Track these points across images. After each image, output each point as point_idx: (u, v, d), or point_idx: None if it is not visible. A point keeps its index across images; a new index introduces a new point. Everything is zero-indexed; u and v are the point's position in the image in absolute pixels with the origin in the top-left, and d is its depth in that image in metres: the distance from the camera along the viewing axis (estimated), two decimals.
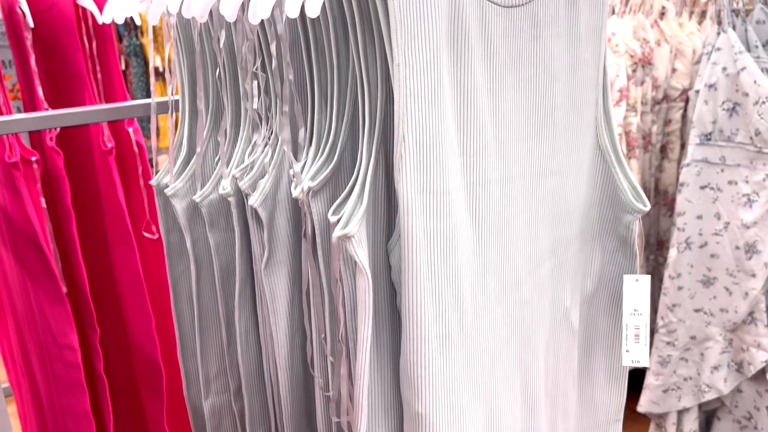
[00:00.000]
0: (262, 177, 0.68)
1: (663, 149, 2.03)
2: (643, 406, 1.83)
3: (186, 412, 1.30)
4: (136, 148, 1.14)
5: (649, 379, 1.81)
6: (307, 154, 0.64)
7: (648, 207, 0.71)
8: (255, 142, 0.71)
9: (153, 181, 0.85)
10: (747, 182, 1.56)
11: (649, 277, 0.72)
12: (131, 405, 1.25)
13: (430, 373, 0.58)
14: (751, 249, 1.57)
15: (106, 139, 1.11)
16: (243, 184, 0.69)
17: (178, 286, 0.91)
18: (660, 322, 1.76)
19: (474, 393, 0.64)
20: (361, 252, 0.56)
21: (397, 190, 0.55)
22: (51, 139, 1.07)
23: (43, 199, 1.06)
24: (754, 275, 1.57)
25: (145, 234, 1.20)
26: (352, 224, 0.55)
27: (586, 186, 0.73)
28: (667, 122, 1.99)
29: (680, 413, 1.79)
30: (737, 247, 1.59)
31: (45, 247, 1.02)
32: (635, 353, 0.74)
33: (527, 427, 0.74)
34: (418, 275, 0.56)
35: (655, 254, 2.12)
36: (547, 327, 0.74)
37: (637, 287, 0.73)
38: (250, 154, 0.71)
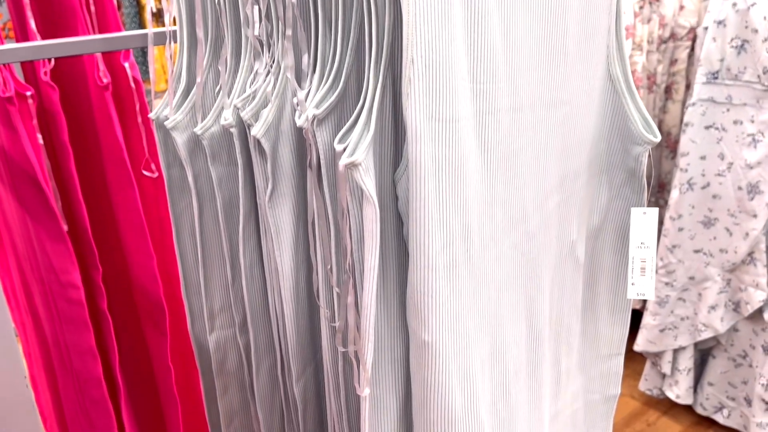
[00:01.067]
0: (265, 106, 0.66)
1: (668, 90, 2.00)
2: (640, 345, 1.86)
3: (190, 349, 1.31)
4: (132, 84, 1.12)
5: (647, 319, 1.83)
6: (311, 81, 0.63)
7: (659, 138, 0.70)
8: (257, 70, 0.69)
9: (152, 114, 0.83)
10: (752, 122, 1.54)
11: (656, 209, 0.72)
12: (135, 342, 1.27)
13: (437, 302, 0.58)
14: (753, 189, 1.56)
15: (102, 74, 1.09)
16: (245, 115, 0.67)
17: (181, 222, 0.90)
18: (659, 263, 1.77)
19: (480, 323, 0.64)
20: (368, 180, 0.55)
21: (405, 117, 0.53)
22: (45, 73, 1.04)
23: (39, 136, 1.04)
24: (755, 215, 1.57)
25: (145, 172, 1.19)
26: (359, 152, 0.54)
27: (595, 117, 0.71)
28: (673, 62, 1.96)
29: (676, 352, 1.82)
30: (739, 188, 1.58)
31: (44, 184, 1.01)
32: (641, 286, 0.74)
33: (531, 358, 0.74)
34: (426, 204, 0.55)
35: (656, 197, 2.11)
36: (553, 260, 0.73)
37: (644, 220, 0.73)
38: (252, 83, 0.69)
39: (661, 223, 2.00)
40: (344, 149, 0.55)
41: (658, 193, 2.10)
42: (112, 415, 1.19)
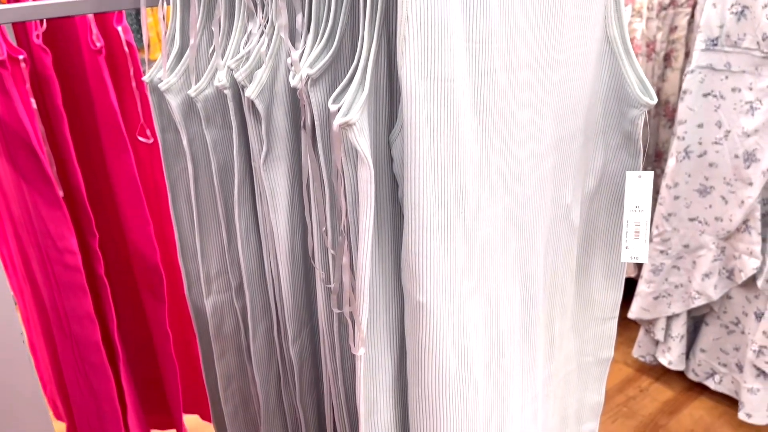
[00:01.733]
0: (259, 67, 0.65)
1: (667, 57, 1.98)
2: (634, 312, 1.87)
3: (188, 314, 1.32)
4: (126, 48, 1.10)
5: (641, 287, 1.85)
6: (305, 41, 0.62)
7: (655, 100, 0.69)
8: (250, 31, 0.68)
9: (146, 77, 0.82)
10: (750, 89, 1.54)
11: (651, 173, 0.72)
12: (133, 308, 1.27)
13: (432, 263, 0.58)
14: (750, 157, 1.56)
15: (95, 38, 1.07)
16: (239, 76, 0.67)
17: (176, 187, 0.90)
18: (654, 231, 1.78)
19: (474, 284, 0.64)
20: (362, 141, 0.54)
21: (399, 77, 0.53)
22: (38, 36, 1.03)
23: (33, 100, 1.03)
24: (751, 183, 1.57)
25: (140, 138, 1.18)
26: (353, 112, 0.54)
27: (592, 79, 0.71)
28: (673, 29, 1.94)
29: (669, 319, 1.84)
30: (736, 156, 1.58)
31: (38, 149, 1.01)
32: (634, 249, 0.75)
33: (526, 321, 0.75)
34: (421, 164, 0.55)
35: (653, 165, 2.11)
36: (548, 223, 0.74)
37: (639, 183, 0.73)
38: (245, 44, 0.69)
39: (657, 191, 2.00)
40: (338, 109, 0.54)
41: (655, 162, 2.09)
42: (112, 380, 1.20)
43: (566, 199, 0.75)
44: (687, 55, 1.95)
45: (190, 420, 1.53)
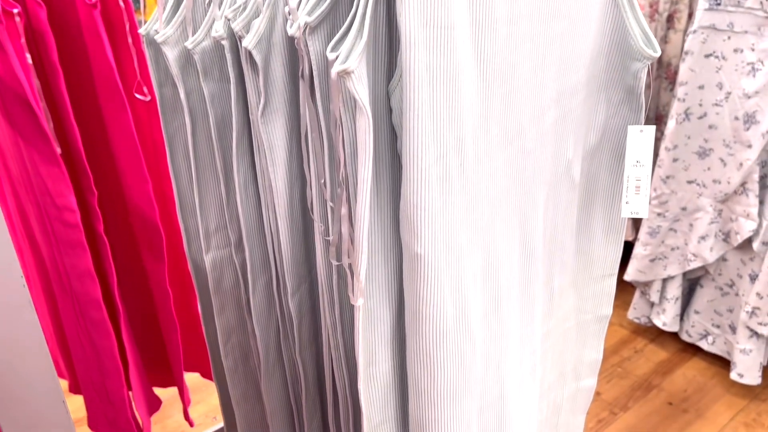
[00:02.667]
0: (256, 17, 0.64)
1: (670, 19, 1.96)
2: (630, 275, 1.89)
3: (188, 273, 1.33)
4: (122, 3, 1.09)
5: (637, 249, 1.86)
6: None
7: (659, 53, 0.69)
8: None
9: (142, 30, 0.81)
10: (753, 50, 1.52)
11: (653, 127, 0.71)
12: (133, 266, 1.28)
13: (430, 215, 0.59)
14: (750, 119, 1.56)
15: None
16: (236, 26, 0.66)
17: (174, 142, 0.90)
18: (653, 194, 1.78)
19: (473, 237, 0.65)
20: (361, 89, 0.54)
21: (398, 24, 0.52)
22: None
23: (28, 55, 1.02)
24: (750, 146, 1.57)
25: (137, 95, 1.17)
26: (351, 59, 0.53)
27: (595, 32, 0.70)
28: None
29: (665, 281, 1.86)
30: (736, 118, 1.58)
31: (35, 105, 1.00)
32: (635, 205, 0.75)
33: (524, 276, 0.75)
34: (420, 114, 0.55)
35: None
36: (548, 178, 0.74)
37: (641, 138, 0.72)
38: None
39: (656, 154, 2.00)
40: (337, 57, 0.54)
41: (656, 125, 2.09)
42: (113, 337, 1.21)
43: (567, 155, 0.75)
44: (690, 16, 1.92)
45: (191, 378, 1.55)
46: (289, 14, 0.61)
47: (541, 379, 0.88)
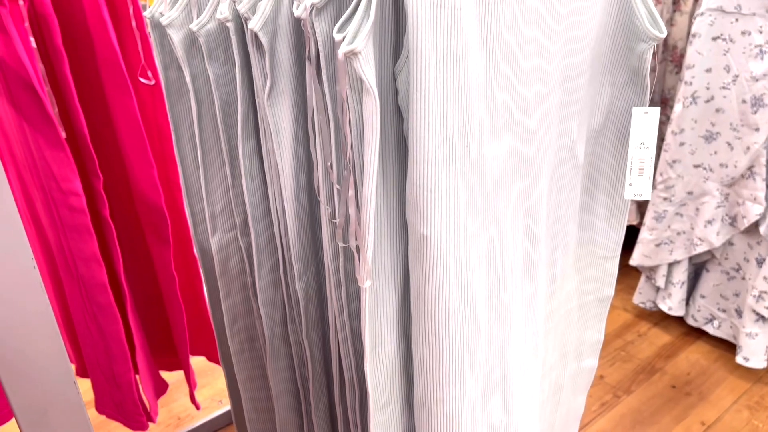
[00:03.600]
0: None
1: (676, 1, 1.94)
2: (636, 259, 1.89)
3: (194, 258, 1.33)
4: None
5: (643, 234, 1.85)
6: None
7: (665, 33, 0.68)
8: None
9: (147, 13, 0.81)
10: (761, 32, 1.51)
11: (658, 109, 0.71)
12: (139, 251, 1.29)
13: (436, 196, 0.59)
14: (757, 102, 1.54)
15: None
16: (242, 8, 0.66)
17: (180, 126, 0.90)
18: (659, 179, 1.78)
19: (478, 218, 0.65)
20: (368, 70, 0.54)
21: (405, 4, 0.52)
22: None
23: (32, 39, 1.02)
24: (757, 129, 1.56)
25: (141, 80, 1.17)
26: (358, 40, 0.53)
27: (601, 12, 0.70)
28: None
29: (671, 266, 1.86)
30: (744, 101, 1.56)
31: (39, 89, 1.00)
32: (638, 186, 0.75)
33: (528, 257, 0.76)
34: (427, 95, 0.55)
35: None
36: (553, 160, 0.73)
37: (645, 120, 0.72)
38: None
39: (662, 138, 1.99)
40: (343, 38, 0.54)
41: (661, 108, 2.07)
42: (120, 321, 1.22)
43: (571, 136, 0.74)
44: None
45: (197, 362, 1.57)
46: None
47: (543, 359, 0.88)
